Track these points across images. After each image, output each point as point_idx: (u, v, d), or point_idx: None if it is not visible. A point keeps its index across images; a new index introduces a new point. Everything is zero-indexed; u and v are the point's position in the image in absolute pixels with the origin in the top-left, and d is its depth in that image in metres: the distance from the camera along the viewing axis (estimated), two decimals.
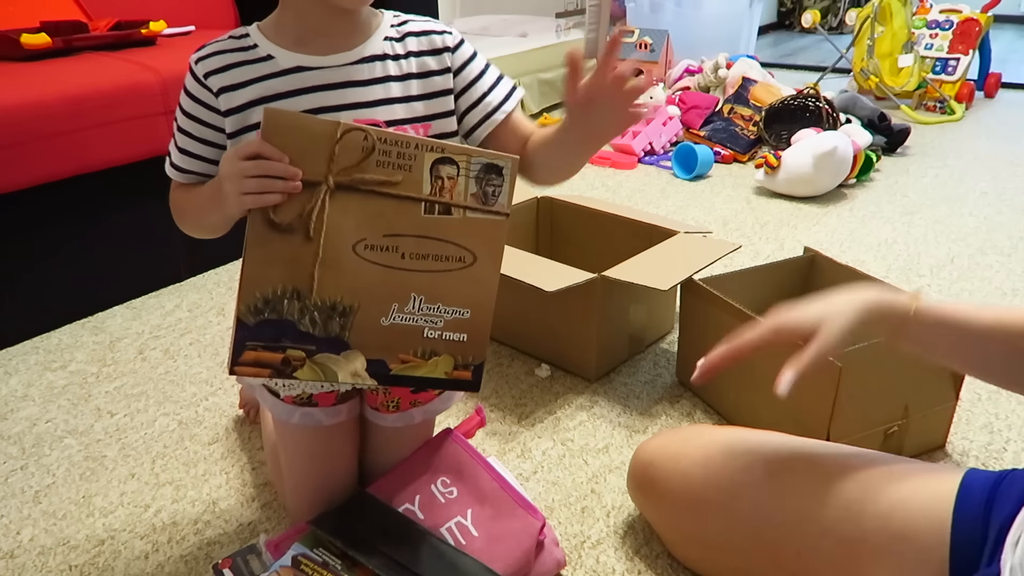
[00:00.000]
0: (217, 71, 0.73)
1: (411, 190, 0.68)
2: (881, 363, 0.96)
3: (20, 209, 1.34)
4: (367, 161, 0.66)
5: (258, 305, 0.68)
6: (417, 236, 0.69)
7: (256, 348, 0.69)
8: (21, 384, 1.26)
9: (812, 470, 0.75)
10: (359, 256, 0.69)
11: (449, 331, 0.72)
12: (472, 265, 0.71)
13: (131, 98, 1.41)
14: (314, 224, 0.66)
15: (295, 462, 0.88)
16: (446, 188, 0.68)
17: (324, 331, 0.70)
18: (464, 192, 0.69)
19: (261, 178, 0.64)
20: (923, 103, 3.08)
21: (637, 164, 2.42)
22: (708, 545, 0.83)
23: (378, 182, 0.67)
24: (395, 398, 0.87)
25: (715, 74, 2.86)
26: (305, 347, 0.69)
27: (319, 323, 0.69)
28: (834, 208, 2.02)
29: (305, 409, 0.84)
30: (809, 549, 0.73)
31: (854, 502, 0.71)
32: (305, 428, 0.85)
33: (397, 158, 0.67)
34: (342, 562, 0.76)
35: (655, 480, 0.86)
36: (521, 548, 0.80)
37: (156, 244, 1.54)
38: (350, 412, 0.88)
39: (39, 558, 0.90)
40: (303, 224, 0.66)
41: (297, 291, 0.68)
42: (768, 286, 1.23)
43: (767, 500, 0.76)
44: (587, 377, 1.24)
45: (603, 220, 1.42)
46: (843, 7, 5.17)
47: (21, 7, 1.68)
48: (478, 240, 0.71)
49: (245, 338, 0.68)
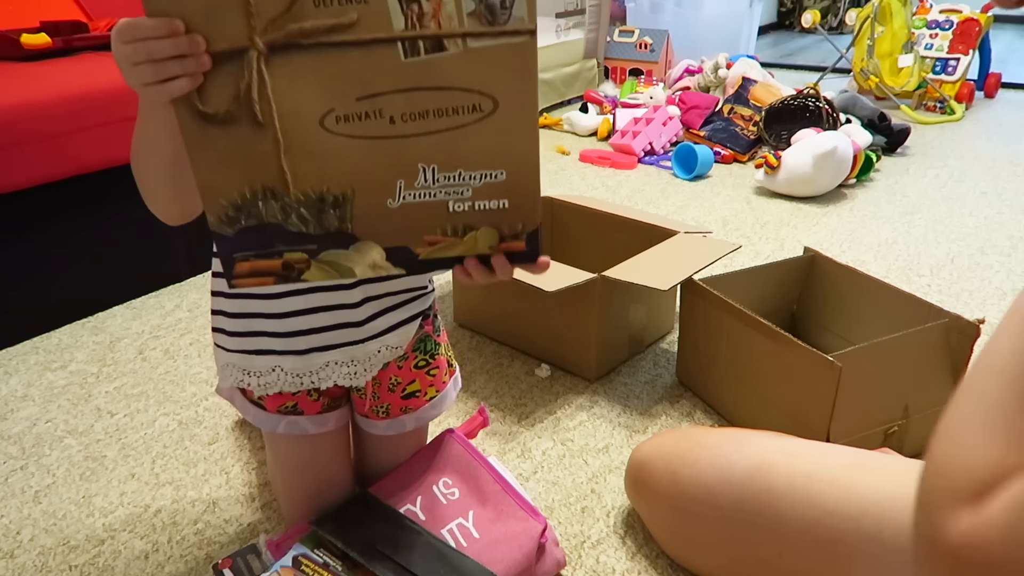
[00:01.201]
0: None
1: (376, 30, 0.50)
2: (881, 363, 0.96)
3: (20, 209, 1.34)
4: (299, 3, 0.49)
5: (229, 214, 0.57)
6: (404, 91, 0.52)
7: (248, 258, 0.59)
8: (21, 384, 1.26)
9: (790, 470, 0.75)
10: (332, 133, 0.54)
11: (483, 199, 0.57)
12: (494, 113, 0.53)
13: (131, 98, 1.38)
14: (258, 104, 0.53)
15: (285, 472, 0.87)
16: (426, 14, 0.50)
17: (320, 227, 0.58)
18: (457, 12, 0.50)
19: (155, 63, 0.51)
20: (923, 103, 3.08)
21: (637, 164, 2.42)
22: (697, 544, 0.84)
23: (324, 29, 0.50)
24: (384, 404, 0.86)
25: (715, 74, 2.86)
26: (304, 247, 0.59)
27: (311, 219, 0.58)
28: (834, 208, 2.02)
29: (290, 418, 0.82)
30: (790, 550, 0.73)
31: (829, 502, 0.71)
32: (292, 437, 0.83)
33: None
34: (343, 563, 0.75)
35: (647, 481, 0.87)
36: (522, 551, 0.80)
37: (156, 244, 1.54)
38: (339, 420, 0.86)
39: (39, 558, 0.90)
40: (245, 107, 0.53)
41: (270, 190, 0.56)
42: (768, 286, 1.23)
43: (748, 501, 0.76)
44: (587, 377, 1.24)
45: (603, 220, 1.42)
46: (843, 7, 5.17)
47: (21, 7, 1.68)
48: (494, 76, 0.52)
49: (231, 250, 0.59)
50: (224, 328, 0.79)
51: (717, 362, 1.12)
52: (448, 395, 0.91)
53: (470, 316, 1.40)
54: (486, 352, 1.33)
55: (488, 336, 1.37)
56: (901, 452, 1.00)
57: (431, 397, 0.89)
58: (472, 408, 1.17)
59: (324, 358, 0.79)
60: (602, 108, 2.84)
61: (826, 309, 1.22)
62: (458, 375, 0.94)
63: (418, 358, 0.87)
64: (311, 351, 0.78)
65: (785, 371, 0.99)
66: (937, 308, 1.02)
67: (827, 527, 0.70)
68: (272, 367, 0.79)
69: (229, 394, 0.86)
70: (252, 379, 0.80)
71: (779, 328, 0.99)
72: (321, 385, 0.81)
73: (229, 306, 0.78)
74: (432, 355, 0.88)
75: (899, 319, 1.05)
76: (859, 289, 1.16)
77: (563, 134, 2.78)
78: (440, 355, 0.89)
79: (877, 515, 0.67)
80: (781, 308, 1.26)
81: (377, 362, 0.82)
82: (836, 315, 1.20)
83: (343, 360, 0.80)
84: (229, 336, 0.79)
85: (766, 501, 0.75)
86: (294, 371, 0.79)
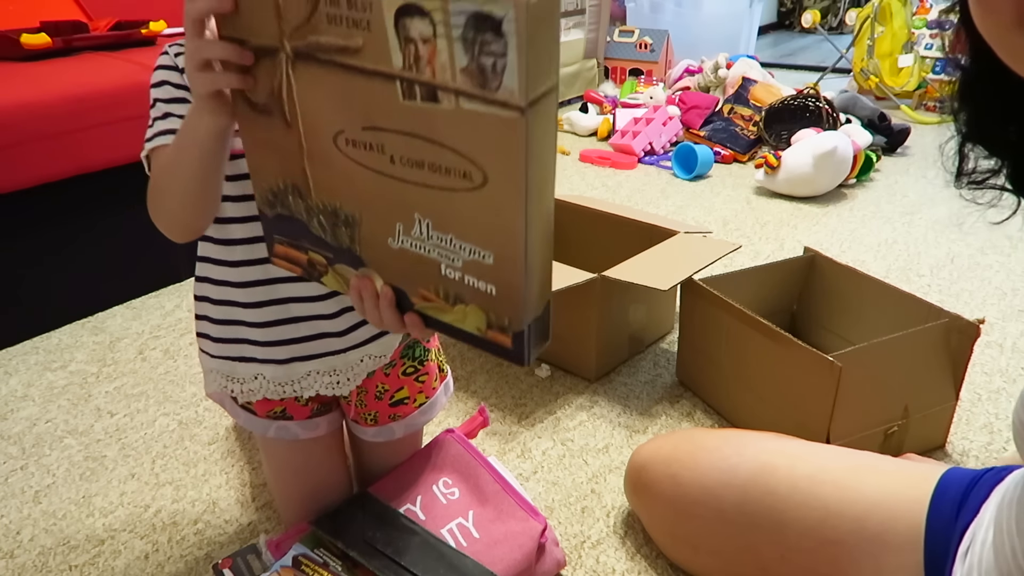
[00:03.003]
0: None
1: (377, 61, 0.48)
2: (881, 363, 0.96)
3: (20, 209, 1.34)
4: (316, 15, 0.49)
5: (269, 197, 0.62)
6: (403, 134, 0.50)
7: (283, 243, 0.64)
8: (21, 384, 1.26)
9: (792, 472, 0.75)
10: (343, 153, 0.54)
11: (471, 276, 0.53)
12: (483, 187, 0.48)
13: (131, 98, 1.41)
14: (287, 104, 0.55)
15: (279, 476, 0.87)
16: (422, 57, 0.46)
17: (335, 239, 0.60)
18: (450, 64, 0.45)
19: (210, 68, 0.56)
20: (923, 103, 3.08)
21: (637, 164, 2.42)
22: (698, 548, 0.84)
23: (336, 48, 0.49)
24: (372, 411, 0.86)
25: (715, 74, 2.86)
26: (323, 253, 0.62)
27: (327, 228, 0.60)
28: (834, 208, 2.02)
29: (280, 423, 0.82)
30: (792, 552, 0.73)
31: (833, 504, 0.71)
32: (283, 442, 0.83)
33: (348, 9, 0.47)
34: (343, 563, 0.76)
35: (648, 484, 0.87)
36: (522, 551, 0.80)
37: (156, 244, 1.52)
38: (330, 424, 0.86)
39: (39, 558, 0.90)
40: (277, 103, 0.55)
41: (296, 187, 0.59)
42: (768, 286, 1.23)
43: (751, 503, 0.76)
44: (587, 377, 1.24)
45: (603, 220, 1.42)
46: (843, 7, 5.17)
47: (21, 7, 1.68)
48: (484, 147, 0.46)
49: (271, 230, 0.65)
50: (208, 334, 0.79)
51: (717, 362, 1.12)
52: (438, 401, 0.90)
53: None
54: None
55: None
56: (901, 452, 1.00)
57: (420, 404, 0.88)
58: (472, 408, 1.17)
59: (305, 367, 0.78)
60: (602, 108, 2.84)
61: (826, 309, 1.22)
62: (450, 380, 0.93)
63: (406, 365, 0.86)
64: (292, 360, 0.78)
65: (785, 371, 0.99)
66: (937, 308, 1.02)
67: (831, 528, 0.70)
68: (255, 375, 0.78)
69: (220, 397, 0.85)
70: (235, 385, 0.79)
71: (779, 328, 0.99)
72: (304, 394, 0.80)
73: (214, 312, 0.78)
74: (421, 361, 0.87)
75: (899, 319, 1.05)
76: (859, 289, 1.16)
77: (563, 134, 2.78)
78: (430, 361, 0.88)
79: (881, 516, 0.67)
80: (781, 308, 1.26)
81: (361, 371, 0.81)
82: (836, 315, 1.20)
83: (324, 370, 0.79)
84: (213, 342, 0.79)
85: (769, 503, 0.75)
86: (276, 380, 0.79)
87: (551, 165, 0.48)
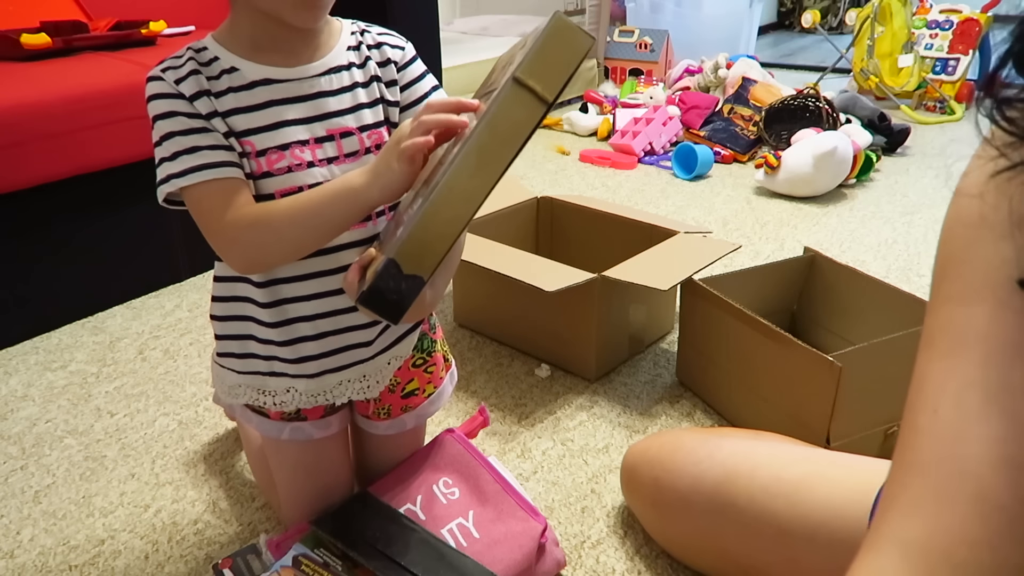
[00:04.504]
0: (184, 79, 0.67)
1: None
2: (881, 363, 0.96)
3: (20, 209, 1.34)
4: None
5: None
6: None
7: None
8: (21, 384, 1.26)
9: (751, 484, 0.76)
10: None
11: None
12: None
13: (131, 98, 1.41)
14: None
15: (289, 477, 0.87)
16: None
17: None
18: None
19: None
20: (923, 103, 3.08)
21: (637, 164, 2.42)
22: (684, 547, 0.86)
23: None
24: (386, 405, 0.86)
25: (715, 74, 2.86)
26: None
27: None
28: (834, 208, 2.02)
29: (295, 424, 0.82)
30: (757, 564, 0.75)
31: (784, 521, 0.72)
32: (296, 443, 0.83)
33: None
34: (343, 563, 0.76)
35: (635, 484, 0.89)
36: (522, 551, 0.80)
37: (156, 244, 1.54)
38: (340, 423, 0.86)
39: (39, 558, 0.90)
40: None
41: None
42: (768, 286, 1.23)
43: (716, 513, 0.78)
44: (587, 377, 1.24)
45: (603, 220, 1.42)
46: (843, 7, 5.17)
47: (21, 7, 1.68)
48: None
49: None
50: (233, 352, 0.79)
51: (717, 362, 1.12)
52: (445, 390, 0.91)
53: (470, 316, 1.40)
54: (486, 352, 1.33)
55: (488, 336, 1.37)
56: None
57: (429, 394, 0.89)
58: (472, 408, 1.17)
59: (337, 378, 0.79)
60: (602, 108, 2.84)
61: (826, 309, 1.22)
62: (454, 369, 0.94)
63: (416, 356, 0.87)
64: (323, 374, 0.78)
65: (785, 371, 0.99)
66: None
67: (785, 546, 0.72)
68: (287, 388, 0.79)
69: (228, 405, 0.85)
70: (267, 398, 0.79)
71: (779, 328, 0.99)
72: (336, 402, 0.82)
73: (237, 329, 0.77)
74: (429, 352, 0.88)
75: (899, 319, 1.05)
76: (859, 289, 1.16)
77: (563, 134, 2.78)
78: (437, 351, 0.89)
79: (829, 529, 0.69)
80: (781, 308, 1.26)
81: (388, 372, 0.83)
82: (836, 315, 1.20)
83: (355, 378, 0.81)
84: (239, 359, 0.79)
85: (731, 515, 0.77)
86: (308, 392, 0.79)
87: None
